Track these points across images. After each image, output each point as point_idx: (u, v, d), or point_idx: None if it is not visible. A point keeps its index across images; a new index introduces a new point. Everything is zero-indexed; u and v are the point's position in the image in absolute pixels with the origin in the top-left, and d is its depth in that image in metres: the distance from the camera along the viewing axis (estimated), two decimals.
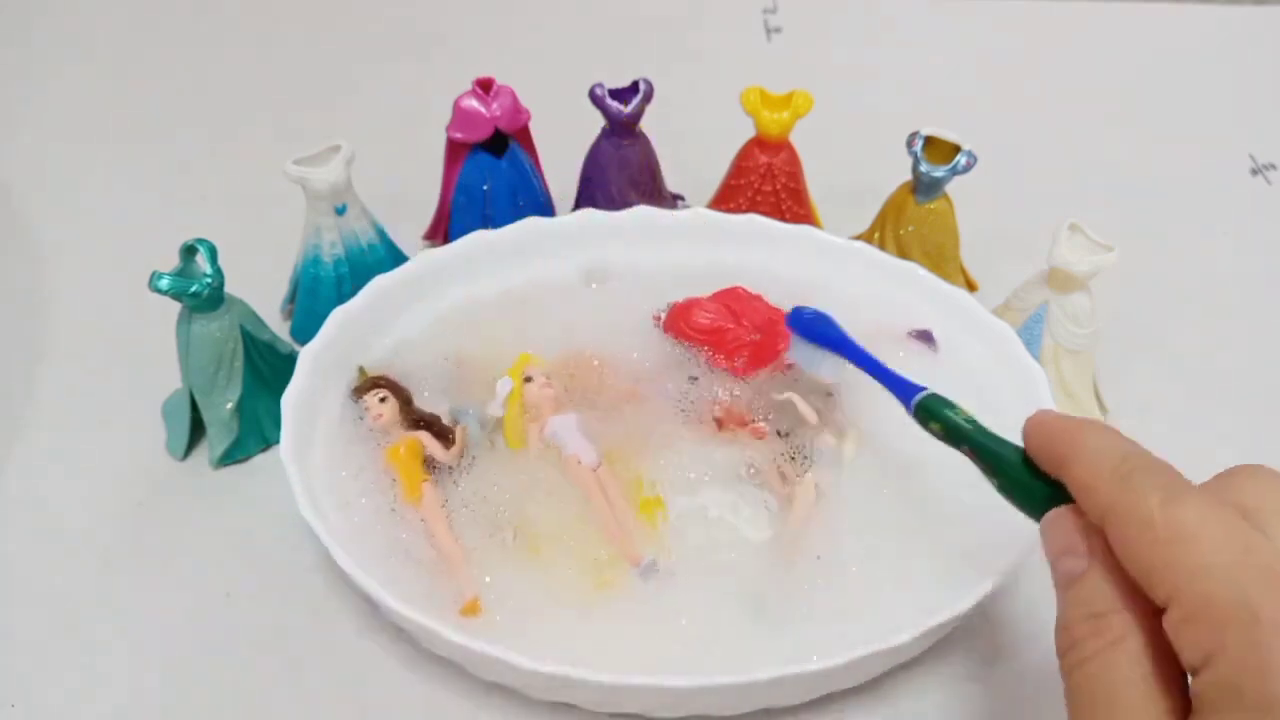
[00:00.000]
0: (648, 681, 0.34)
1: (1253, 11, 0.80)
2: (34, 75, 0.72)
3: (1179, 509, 0.25)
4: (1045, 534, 0.29)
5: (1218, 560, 0.24)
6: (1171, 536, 0.25)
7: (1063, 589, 0.28)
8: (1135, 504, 0.26)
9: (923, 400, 0.35)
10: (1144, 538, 0.25)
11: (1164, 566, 0.25)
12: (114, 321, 0.53)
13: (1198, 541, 0.24)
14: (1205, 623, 0.23)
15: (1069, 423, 0.30)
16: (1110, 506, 0.27)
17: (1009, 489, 0.32)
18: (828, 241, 0.50)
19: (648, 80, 0.51)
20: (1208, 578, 0.24)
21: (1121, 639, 0.25)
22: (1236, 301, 0.56)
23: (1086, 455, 0.28)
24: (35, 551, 0.43)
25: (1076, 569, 0.27)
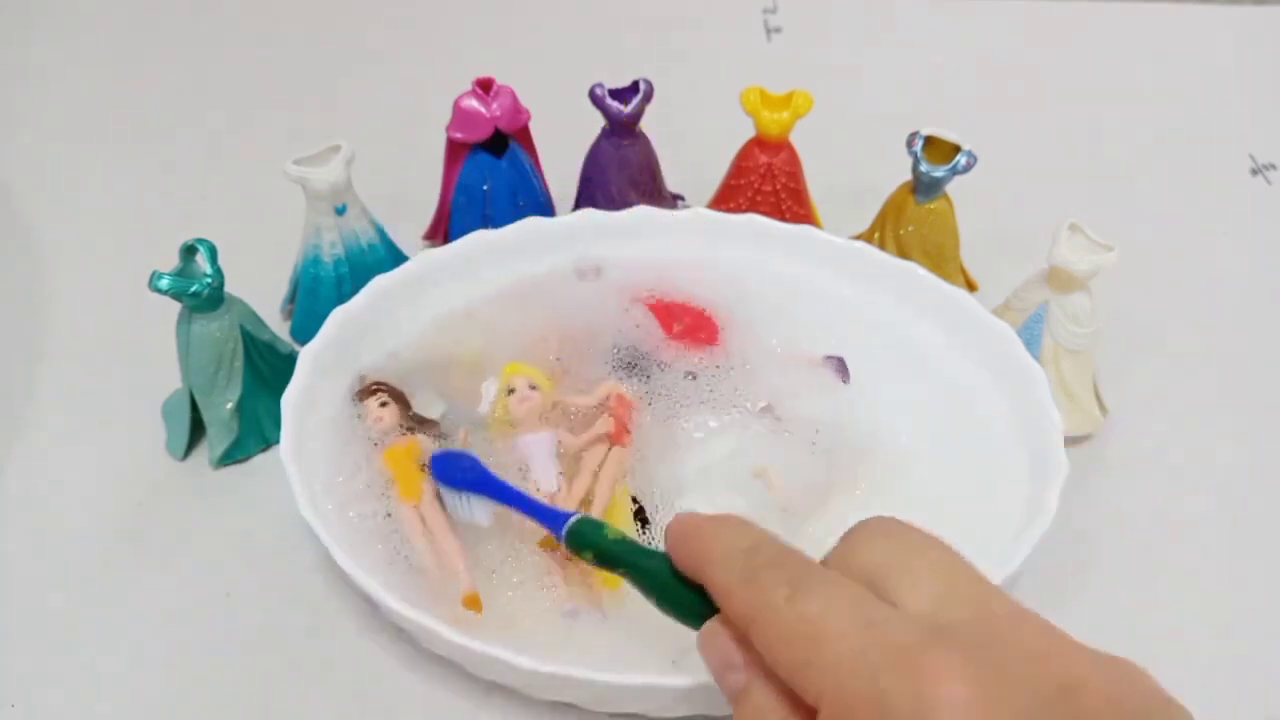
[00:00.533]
0: (648, 681, 0.34)
1: (1253, 11, 0.80)
2: (34, 75, 0.72)
3: (803, 603, 0.25)
4: (702, 649, 0.28)
5: (846, 651, 0.24)
6: (802, 634, 0.24)
7: (732, 704, 0.27)
8: (764, 604, 0.25)
9: (573, 527, 0.34)
10: (779, 640, 0.25)
11: (803, 667, 0.24)
12: (114, 321, 0.53)
13: (826, 635, 0.24)
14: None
15: (704, 522, 0.29)
16: (744, 613, 0.26)
17: (666, 604, 0.30)
18: (828, 241, 0.50)
19: (648, 80, 0.51)
20: (840, 672, 0.23)
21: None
22: (1236, 301, 0.56)
23: (717, 560, 0.28)
24: (35, 551, 0.43)
25: (738, 682, 0.26)
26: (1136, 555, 0.44)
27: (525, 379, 0.43)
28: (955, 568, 0.26)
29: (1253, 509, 0.46)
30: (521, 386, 0.43)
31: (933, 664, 0.23)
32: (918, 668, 0.23)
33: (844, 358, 0.46)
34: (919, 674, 0.22)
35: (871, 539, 0.27)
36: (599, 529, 0.33)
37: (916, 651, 0.23)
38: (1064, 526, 0.38)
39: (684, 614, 0.29)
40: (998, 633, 0.24)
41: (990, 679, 0.22)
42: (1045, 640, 0.24)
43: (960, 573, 0.26)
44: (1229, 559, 0.44)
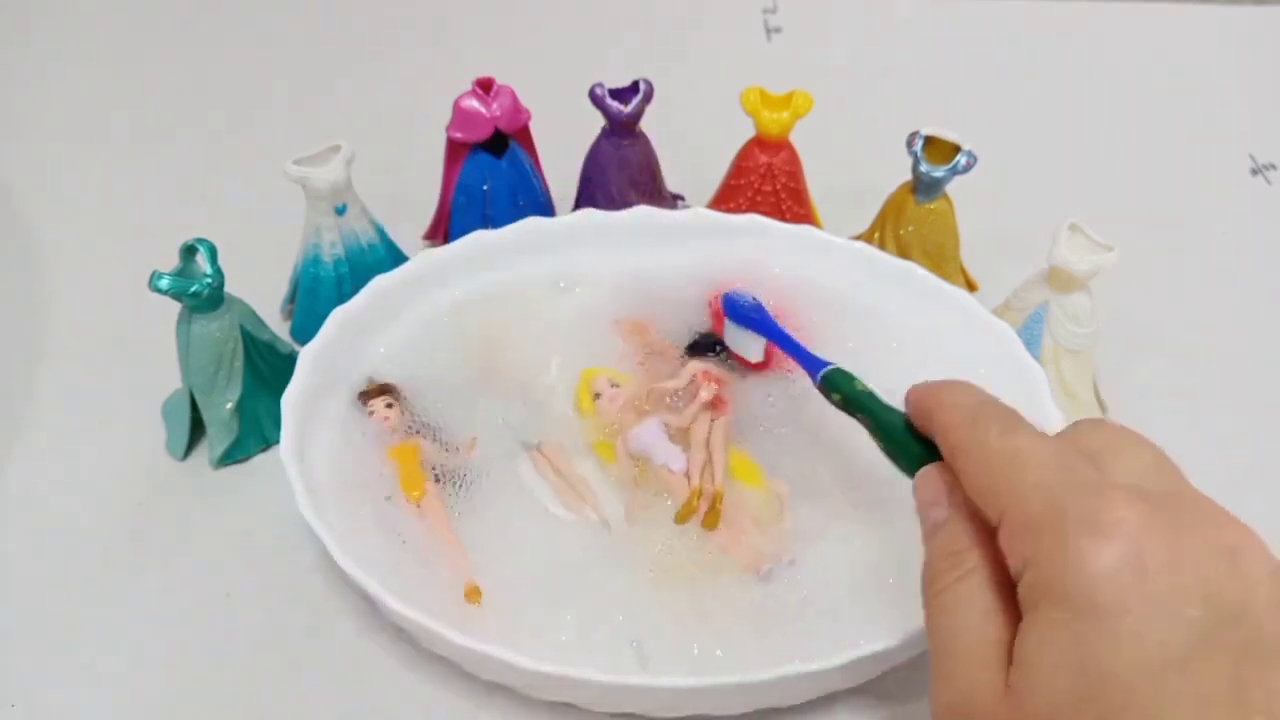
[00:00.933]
0: (648, 681, 0.34)
1: (1253, 11, 0.80)
2: (34, 75, 0.72)
3: (1012, 438, 0.28)
4: (916, 488, 0.31)
5: (1040, 477, 0.26)
6: (1004, 462, 0.27)
7: (928, 536, 0.30)
8: (977, 437, 0.28)
9: (827, 374, 0.38)
10: (982, 465, 0.28)
11: (996, 489, 0.27)
12: (114, 321, 0.53)
13: (1025, 464, 0.27)
14: (1025, 532, 0.25)
15: (940, 383, 0.32)
16: (958, 443, 0.29)
17: (892, 450, 0.34)
18: (828, 241, 0.50)
19: (648, 80, 0.51)
20: (1031, 492, 0.26)
21: (973, 570, 0.27)
22: (1236, 301, 0.56)
23: (947, 405, 0.31)
24: (35, 551, 0.43)
25: (940, 516, 0.29)
26: None
27: (604, 379, 0.45)
28: (1162, 459, 0.28)
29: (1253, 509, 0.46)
30: (604, 388, 0.44)
31: (1114, 495, 0.25)
32: (1100, 495, 0.25)
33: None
34: (1099, 498, 0.25)
35: (1091, 430, 0.29)
36: (850, 379, 0.37)
37: (1103, 486, 0.25)
38: None
39: (907, 459, 0.32)
40: (1184, 501, 0.26)
41: (1165, 520, 0.24)
42: (1228, 519, 0.26)
43: (1166, 464, 0.28)
44: None
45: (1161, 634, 0.23)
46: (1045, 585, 0.24)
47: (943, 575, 0.28)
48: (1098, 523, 0.24)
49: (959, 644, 0.26)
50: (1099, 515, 0.24)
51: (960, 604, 0.27)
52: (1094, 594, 0.23)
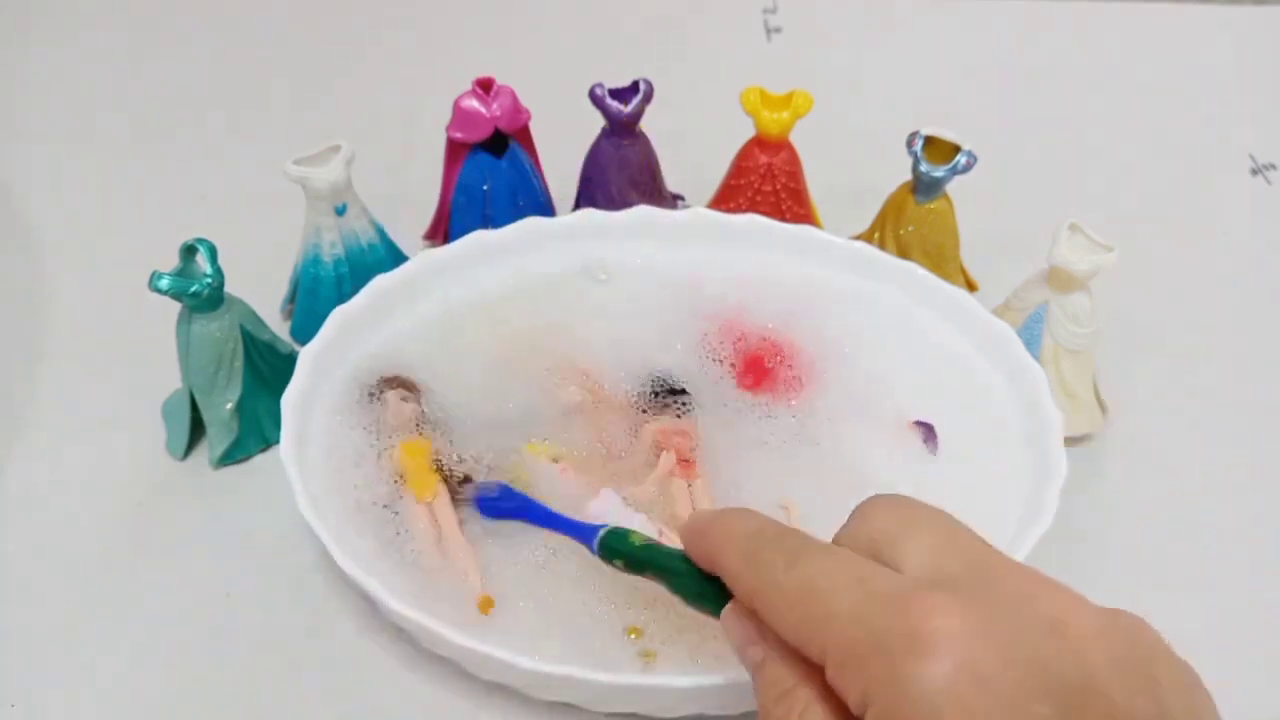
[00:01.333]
0: (648, 681, 0.34)
1: (1253, 11, 0.80)
2: (34, 75, 0.72)
3: (800, 569, 0.26)
4: (725, 631, 0.29)
5: (842, 605, 0.25)
6: (800, 597, 0.26)
7: (753, 676, 0.28)
8: (766, 577, 0.27)
9: (603, 540, 0.35)
10: (781, 606, 0.26)
11: (804, 626, 0.26)
12: (114, 321, 0.52)
13: (823, 593, 0.25)
14: (852, 668, 0.24)
15: (713, 516, 0.31)
16: (750, 589, 0.28)
17: (691, 599, 0.32)
18: (828, 241, 0.50)
19: (648, 80, 0.51)
20: (838, 622, 0.25)
21: (808, 706, 0.26)
22: (1236, 301, 0.56)
23: (723, 545, 0.29)
24: (35, 551, 0.43)
25: (757, 657, 0.28)
26: (1136, 555, 0.44)
27: (546, 460, 0.42)
28: (953, 531, 0.27)
29: (1253, 508, 0.46)
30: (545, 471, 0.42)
31: (924, 603, 0.24)
32: (909, 607, 0.24)
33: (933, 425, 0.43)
34: (911, 612, 0.23)
35: (875, 511, 0.28)
36: (625, 537, 0.34)
37: (908, 595, 0.24)
38: (1064, 526, 0.38)
39: (708, 605, 0.31)
40: (991, 579, 0.25)
41: (981, 613, 0.23)
42: (1040, 585, 0.25)
43: (958, 534, 0.27)
44: (1229, 559, 0.44)
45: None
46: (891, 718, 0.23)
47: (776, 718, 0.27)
48: (917, 639, 0.23)
49: None
50: (916, 630, 0.23)
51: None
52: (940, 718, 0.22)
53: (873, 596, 0.25)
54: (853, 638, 0.24)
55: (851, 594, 0.25)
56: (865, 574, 0.25)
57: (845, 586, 0.25)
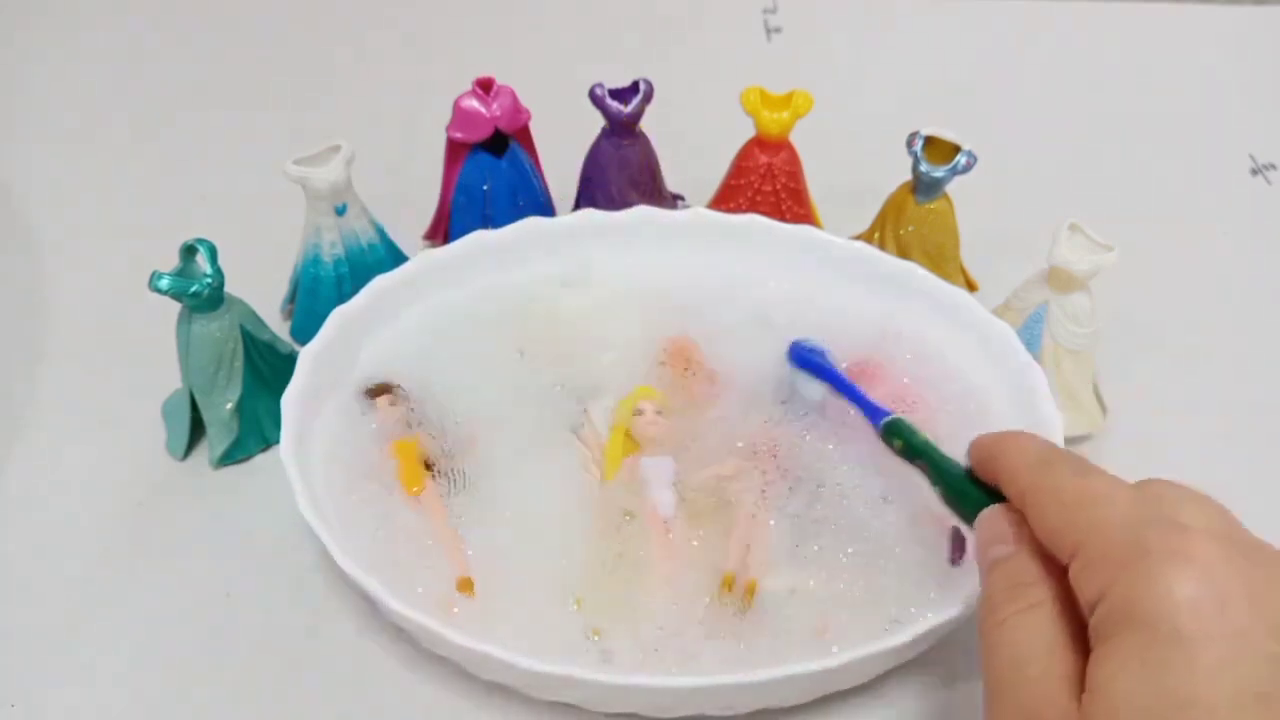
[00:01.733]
0: (648, 681, 0.34)
1: (1253, 11, 0.80)
2: (34, 75, 0.72)
3: (1087, 479, 0.28)
4: (979, 528, 0.31)
5: (1116, 514, 0.27)
6: (1079, 500, 0.28)
7: (988, 571, 0.30)
8: (1051, 478, 0.29)
9: (889, 423, 0.39)
10: (1056, 504, 0.28)
11: (1070, 526, 0.27)
12: (114, 321, 0.53)
13: (1103, 502, 0.27)
14: (1104, 563, 0.26)
15: (1004, 433, 0.33)
16: (1029, 485, 0.30)
17: (953, 496, 0.35)
18: (828, 241, 0.50)
19: (648, 80, 0.51)
20: (1108, 527, 0.26)
21: (1039, 604, 0.27)
22: (1236, 301, 0.56)
23: (1013, 450, 0.31)
24: (35, 551, 0.43)
25: (1004, 552, 0.29)
26: None
27: (653, 404, 0.44)
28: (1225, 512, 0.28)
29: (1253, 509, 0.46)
30: (649, 411, 0.44)
31: (1195, 535, 0.25)
32: (1182, 533, 0.25)
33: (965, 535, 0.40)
34: (1179, 535, 0.25)
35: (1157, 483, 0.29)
36: (910, 429, 0.38)
37: (1184, 526, 0.26)
38: None
39: (967, 504, 0.33)
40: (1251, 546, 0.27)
41: (1242, 560, 0.25)
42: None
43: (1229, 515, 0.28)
44: None
45: (1245, 667, 0.23)
46: (1124, 612, 0.24)
47: (1004, 605, 0.28)
48: (1180, 555, 0.24)
49: (1024, 674, 0.26)
50: (1181, 548, 0.25)
51: (1025, 634, 0.27)
52: (1176, 622, 0.23)
53: (1150, 514, 0.26)
54: (1117, 540, 0.26)
55: (1129, 508, 0.27)
56: (1149, 501, 0.27)
57: (1125, 502, 0.27)
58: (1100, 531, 0.26)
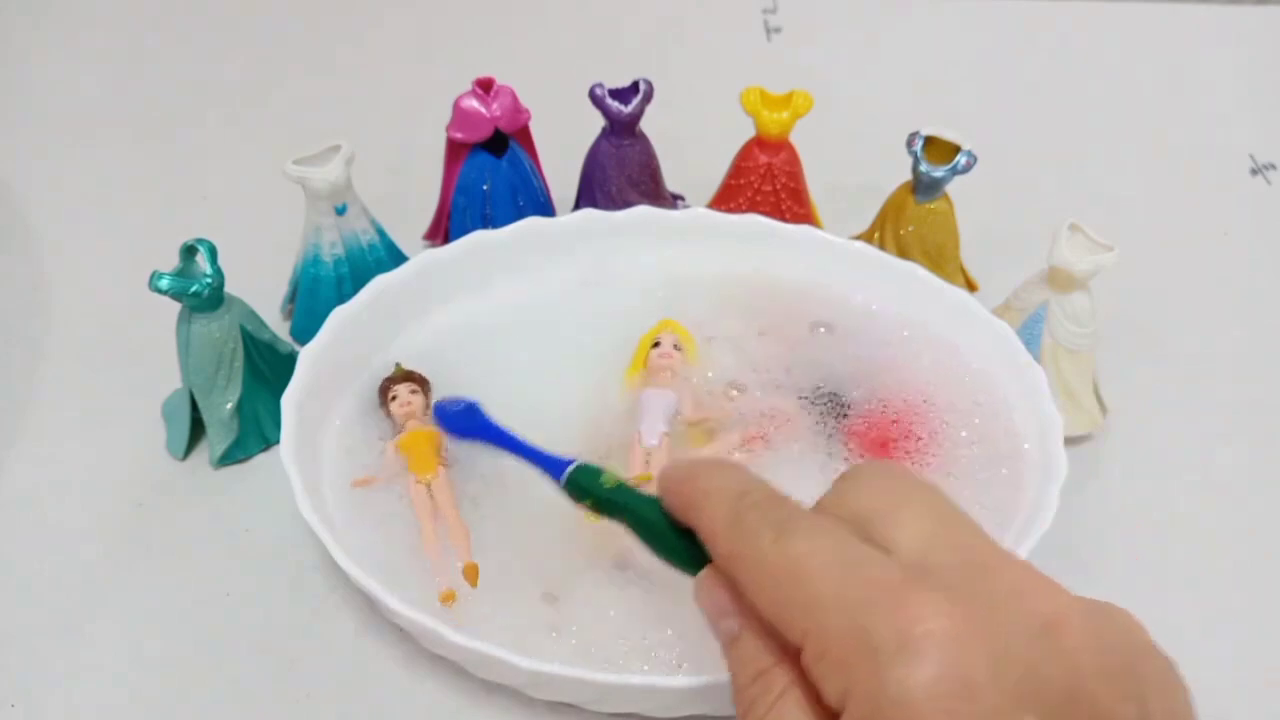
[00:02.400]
0: (648, 681, 0.34)
1: (1253, 11, 0.80)
2: (34, 75, 0.72)
3: (789, 544, 0.25)
4: (698, 598, 0.28)
5: (827, 589, 0.24)
6: (786, 574, 0.24)
7: (725, 649, 0.27)
8: (750, 547, 0.26)
9: (571, 475, 0.33)
10: (763, 581, 0.25)
11: (787, 607, 0.24)
12: (114, 321, 0.52)
13: (810, 575, 0.24)
14: (832, 659, 0.23)
15: (696, 466, 0.29)
16: (730, 554, 0.26)
17: (662, 551, 0.30)
18: (828, 241, 0.50)
19: (648, 80, 0.51)
20: (822, 609, 0.23)
21: (786, 690, 0.25)
22: (1237, 302, 0.56)
23: (707, 501, 0.28)
24: (35, 551, 0.43)
25: (732, 629, 0.27)
26: (1136, 555, 0.44)
27: (673, 337, 0.46)
28: (945, 513, 0.26)
29: (1253, 509, 0.46)
30: (667, 343, 0.45)
31: (914, 600, 0.23)
32: (899, 604, 0.23)
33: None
34: (900, 610, 0.22)
35: (864, 482, 0.27)
36: (595, 476, 0.33)
37: (898, 589, 0.23)
38: (1064, 526, 0.38)
39: (680, 561, 0.29)
40: (983, 573, 0.24)
41: (972, 615, 0.22)
42: (1030, 581, 0.24)
43: (950, 517, 0.26)
44: (1229, 559, 0.44)
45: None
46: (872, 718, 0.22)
47: (757, 701, 0.25)
48: (907, 642, 0.22)
49: None
50: (906, 632, 0.22)
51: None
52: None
53: (862, 584, 0.23)
54: (837, 628, 0.23)
55: (839, 579, 0.24)
56: (855, 558, 0.24)
57: (834, 570, 0.24)
58: (819, 620, 0.23)
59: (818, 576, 0.24)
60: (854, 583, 0.24)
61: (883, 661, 0.22)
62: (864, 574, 0.24)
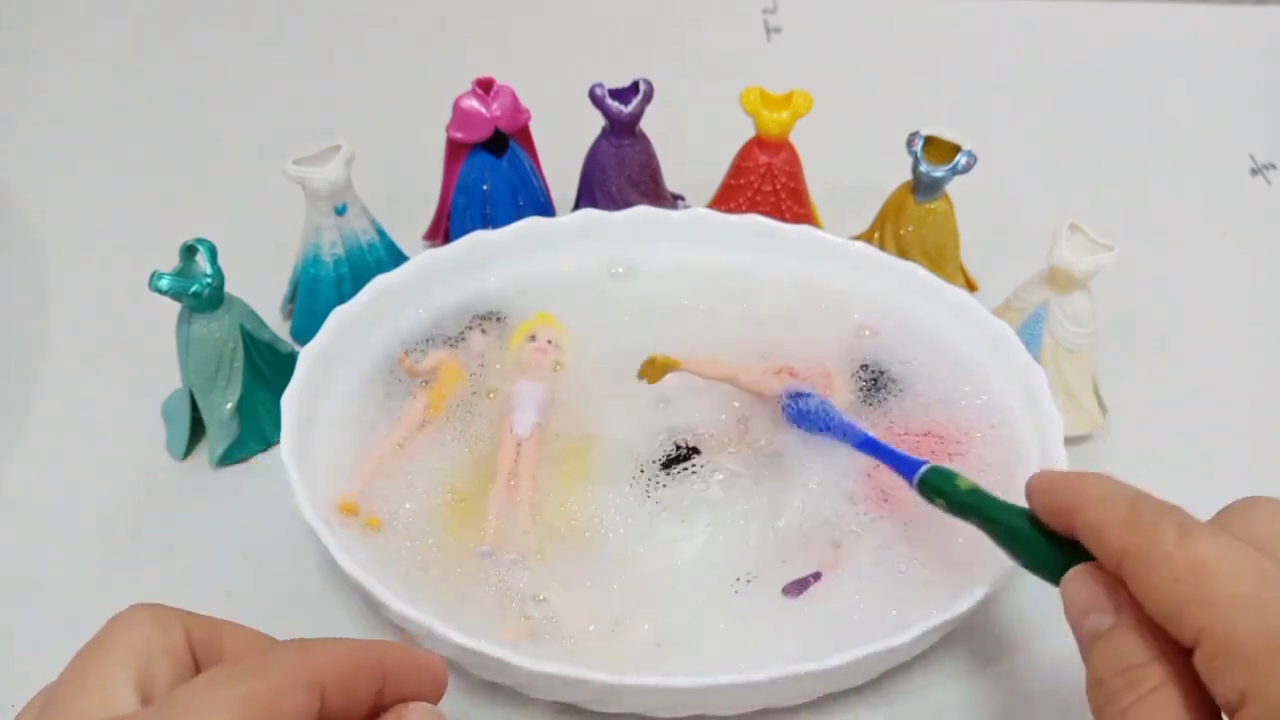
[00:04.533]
0: (648, 681, 0.34)
1: (1253, 11, 0.80)
2: (34, 75, 0.72)
3: (1195, 544, 0.25)
4: (1066, 593, 0.29)
5: (1239, 591, 0.24)
6: (1191, 572, 0.25)
7: (1089, 645, 0.27)
8: (1151, 543, 0.26)
9: (925, 475, 0.35)
10: (1164, 576, 0.25)
11: (1187, 603, 0.24)
12: (114, 321, 0.53)
13: (1218, 575, 0.24)
14: (1235, 658, 0.23)
15: (1071, 475, 0.30)
16: (1125, 549, 0.26)
17: (1022, 554, 0.31)
18: (828, 241, 0.50)
19: (648, 80, 0.51)
20: (1232, 610, 0.24)
21: (1159, 687, 0.25)
22: (1236, 301, 0.56)
23: (1093, 501, 0.28)
24: (35, 551, 0.43)
25: (1103, 624, 0.27)
26: None
27: (548, 331, 0.46)
28: None
29: None
30: (543, 337, 0.46)
31: None
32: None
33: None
34: None
35: (1253, 509, 0.27)
36: (951, 478, 0.34)
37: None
38: None
39: (1040, 562, 0.30)
40: None
41: None
42: None
43: None
44: None
45: None
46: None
47: (1122, 693, 0.25)
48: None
49: None
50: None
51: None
52: None
53: (1273, 591, 0.24)
54: (1247, 630, 0.23)
55: (1252, 582, 0.24)
56: (1267, 571, 0.24)
57: (1246, 572, 0.24)
58: (1223, 616, 0.24)
59: (1228, 577, 0.24)
60: (1268, 591, 0.24)
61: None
62: (1274, 582, 0.24)
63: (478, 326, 0.47)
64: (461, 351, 0.46)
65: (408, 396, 0.44)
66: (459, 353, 0.46)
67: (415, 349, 0.46)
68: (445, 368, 0.45)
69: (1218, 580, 0.24)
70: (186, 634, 0.27)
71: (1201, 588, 0.24)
